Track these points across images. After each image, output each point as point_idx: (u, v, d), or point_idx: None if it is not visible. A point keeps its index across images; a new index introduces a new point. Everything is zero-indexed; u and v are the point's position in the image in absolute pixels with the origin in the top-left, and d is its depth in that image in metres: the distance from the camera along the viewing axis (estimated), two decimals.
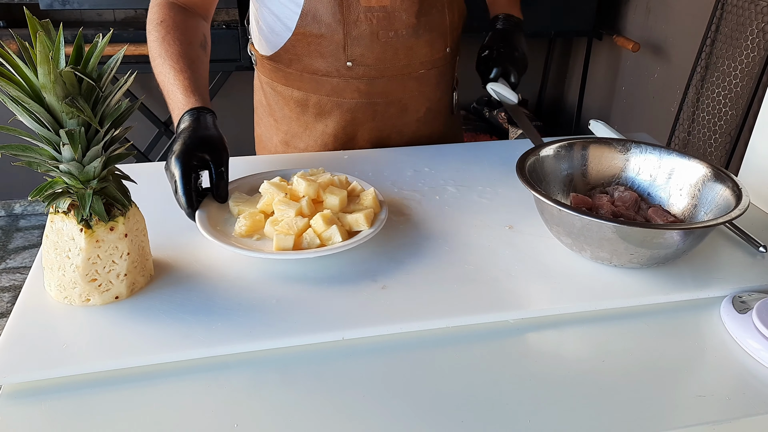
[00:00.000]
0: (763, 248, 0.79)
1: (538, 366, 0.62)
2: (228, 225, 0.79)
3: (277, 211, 0.78)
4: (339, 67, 1.04)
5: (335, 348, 0.63)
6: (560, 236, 0.77)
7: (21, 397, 0.57)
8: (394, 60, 1.05)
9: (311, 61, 1.04)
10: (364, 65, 1.04)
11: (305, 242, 0.75)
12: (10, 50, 0.58)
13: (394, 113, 1.11)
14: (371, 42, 1.02)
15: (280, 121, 1.14)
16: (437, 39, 1.08)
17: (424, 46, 1.07)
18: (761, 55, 1.74)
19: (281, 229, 0.75)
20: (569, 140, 0.89)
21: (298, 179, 0.82)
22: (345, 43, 1.02)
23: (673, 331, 0.68)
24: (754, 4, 1.77)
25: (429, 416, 0.56)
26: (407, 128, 1.14)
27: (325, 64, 1.04)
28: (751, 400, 0.59)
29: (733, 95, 1.85)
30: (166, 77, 0.91)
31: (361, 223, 0.78)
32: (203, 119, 0.84)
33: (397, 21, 1.02)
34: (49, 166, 0.62)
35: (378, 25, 1.01)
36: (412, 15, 1.02)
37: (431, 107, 1.15)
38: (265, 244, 0.76)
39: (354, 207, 0.82)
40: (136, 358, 0.60)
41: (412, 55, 1.06)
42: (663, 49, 2.28)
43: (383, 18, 1.01)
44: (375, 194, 0.83)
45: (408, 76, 1.08)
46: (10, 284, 2.30)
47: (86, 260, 0.64)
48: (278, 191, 0.80)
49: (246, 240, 0.76)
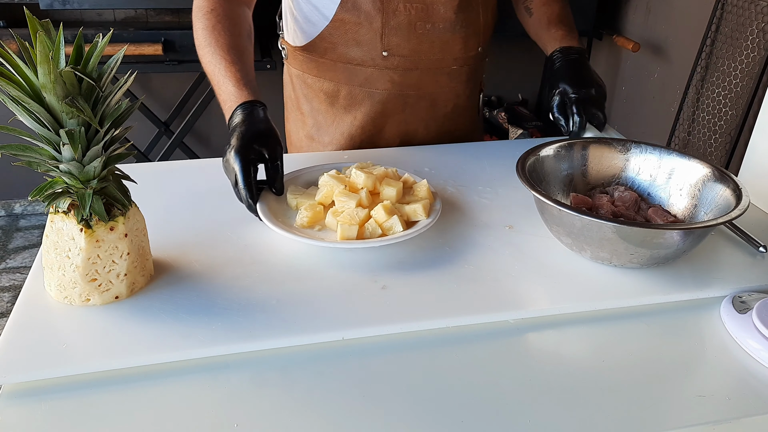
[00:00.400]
0: (763, 248, 0.79)
1: (538, 366, 0.62)
2: (287, 217, 0.82)
3: (337, 202, 0.81)
4: (374, 57, 1.05)
5: (335, 348, 0.63)
6: (560, 236, 0.77)
7: (21, 397, 0.57)
8: (429, 53, 1.06)
9: (347, 49, 1.06)
10: (400, 56, 1.05)
11: (368, 232, 0.78)
12: (10, 50, 0.58)
13: (424, 106, 1.12)
14: (408, 33, 1.04)
15: (307, 114, 1.16)
16: (471, 37, 1.09)
17: (459, 42, 1.08)
18: (761, 55, 1.74)
19: (344, 219, 0.78)
20: (569, 140, 0.89)
21: (357, 172, 0.85)
22: (382, 32, 1.03)
23: (673, 331, 0.68)
24: (754, 4, 1.77)
25: (429, 416, 0.56)
26: (434, 123, 1.15)
27: (360, 52, 1.05)
28: (751, 400, 0.59)
29: (734, 95, 1.85)
30: (217, 68, 0.92)
31: (419, 213, 0.81)
32: (256, 113, 0.86)
33: (435, 14, 1.03)
34: (49, 166, 0.62)
35: (416, 17, 1.03)
36: (450, 9, 1.04)
37: (458, 104, 1.16)
38: (327, 235, 0.79)
39: (409, 198, 0.85)
40: (136, 358, 0.60)
41: (447, 49, 1.07)
42: (663, 49, 2.28)
43: (422, 10, 1.03)
44: (428, 186, 0.86)
45: (440, 71, 1.09)
46: (10, 284, 2.30)
47: (86, 260, 0.64)
48: (338, 183, 0.83)
49: (308, 230, 0.80)
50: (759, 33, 1.75)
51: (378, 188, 0.86)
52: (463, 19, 1.06)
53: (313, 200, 0.83)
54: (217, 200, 0.88)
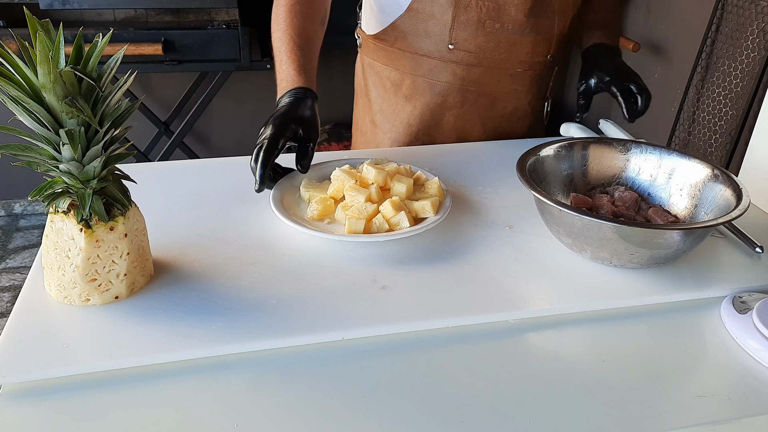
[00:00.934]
0: (759, 249, 0.79)
1: (538, 366, 0.62)
2: (299, 209, 0.84)
3: (347, 196, 0.82)
4: (440, 48, 1.08)
5: (335, 348, 0.63)
6: (560, 236, 0.77)
7: (21, 397, 0.57)
8: (495, 52, 1.08)
9: (415, 39, 1.09)
10: (465, 50, 1.07)
11: (375, 227, 0.79)
12: (10, 50, 0.58)
13: (483, 104, 1.14)
14: (476, 29, 1.05)
15: (374, 101, 1.19)
16: (541, 43, 1.09)
17: (527, 45, 1.08)
18: (762, 55, 1.74)
19: (352, 213, 0.79)
20: (569, 140, 0.89)
21: (368, 167, 0.86)
22: (452, 26, 1.05)
23: (673, 331, 0.68)
24: (755, 4, 1.76)
25: (429, 416, 0.56)
26: (491, 122, 1.17)
27: (428, 43, 1.08)
28: (751, 400, 0.59)
29: (734, 95, 1.85)
30: (283, 48, 0.98)
31: (428, 210, 0.82)
32: (305, 100, 0.90)
33: (506, 15, 1.05)
34: (48, 165, 0.61)
35: (486, 15, 1.04)
36: (521, 12, 1.05)
37: (519, 107, 1.17)
38: (336, 228, 0.80)
39: (419, 195, 0.86)
40: (136, 358, 0.60)
41: (513, 51, 1.08)
42: (663, 49, 2.28)
43: (493, 9, 1.04)
44: (440, 183, 0.87)
45: (504, 71, 1.11)
46: (10, 284, 2.30)
47: (86, 260, 0.64)
48: (349, 178, 0.84)
49: (317, 223, 0.81)
50: (759, 33, 1.75)
51: (389, 184, 0.87)
52: (534, 24, 1.07)
53: (324, 194, 0.85)
54: (217, 200, 0.88)
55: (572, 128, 1.10)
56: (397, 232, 0.77)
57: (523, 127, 1.21)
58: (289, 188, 0.87)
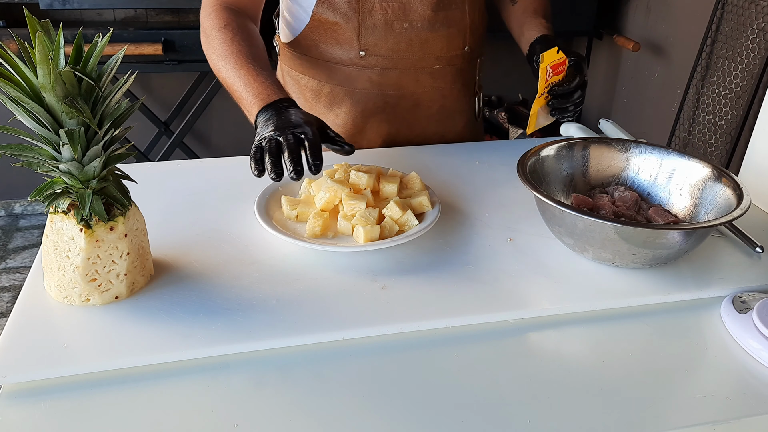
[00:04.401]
0: (759, 248, 0.79)
1: (538, 366, 0.62)
2: (290, 229, 0.80)
3: (347, 206, 0.80)
4: (352, 56, 1.05)
5: (335, 348, 0.63)
6: (562, 237, 0.77)
7: (21, 397, 0.57)
8: (408, 52, 1.05)
9: (327, 48, 1.05)
10: (377, 55, 1.04)
11: (386, 230, 0.78)
12: (10, 50, 0.58)
13: (406, 107, 1.11)
14: (385, 32, 1.03)
15: None
16: (455, 35, 1.07)
17: (441, 40, 1.06)
18: (761, 54, 1.74)
19: (359, 221, 0.77)
20: (570, 140, 0.89)
21: (358, 173, 0.85)
22: (359, 32, 1.02)
23: (674, 331, 0.68)
24: (755, 4, 1.76)
25: (429, 416, 0.56)
26: (418, 124, 1.13)
27: (339, 51, 1.05)
28: (751, 400, 0.59)
29: (734, 95, 1.85)
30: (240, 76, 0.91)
31: (426, 204, 0.83)
32: (294, 109, 0.85)
33: (412, 12, 1.02)
34: (48, 166, 0.61)
35: (393, 15, 1.02)
36: (428, 7, 1.02)
37: (446, 105, 1.14)
38: (343, 240, 0.78)
39: (406, 192, 0.87)
40: (136, 358, 0.60)
41: (427, 48, 1.06)
42: (663, 49, 2.28)
43: (398, 8, 1.02)
44: (419, 177, 0.88)
45: (422, 70, 1.08)
46: (10, 284, 2.30)
47: (86, 260, 0.64)
48: (342, 187, 0.82)
49: (324, 239, 0.78)
50: (759, 33, 1.75)
51: (377, 186, 0.86)
52: (445, 17, 1.04)
53: (315, 208, 0.82)
54: (217, 200, 0.88)
55: (572, 128, 1.10)
56: (407, 233, 0.78)
57: (456, 126, 1.17)
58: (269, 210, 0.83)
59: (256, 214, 0.79)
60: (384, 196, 0.85)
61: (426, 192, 0.85)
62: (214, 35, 0.97)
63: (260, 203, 0.82)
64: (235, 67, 0.92)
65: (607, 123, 1.11)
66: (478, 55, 1.15)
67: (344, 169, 0.88)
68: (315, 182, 0.85)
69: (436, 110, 1.13)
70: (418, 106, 1.11)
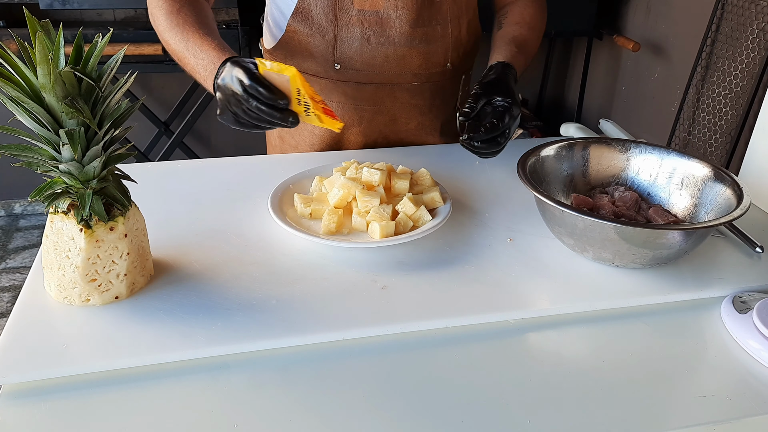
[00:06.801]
0: (759, 249, 0.79)
1: (538, 366, 0.62)
2: (303, 225, 0.81)
3: (361, 203, 0.81)
4: (327, 69, 1.03)
5: (335, 348, 0.63)
6: (562, 237, 0.77)
7: (21, 397, 0.57)
8: (384, 67, 1.02)
9: (302, 59, 1.04)
10: (352, 69, 1.02)
11: (400, 226, 0.79)
12: (10, 50, 0.58)
13: (382, 122, 1.08)
14: (361, 46, 1.00)
15: None
16: (436, 52, 1.05)
17: (418, 57, 1.03)
18: (761, 54, 1.74)
19: (374, 218, 0.78)
20: (570, 140, 0.89)
21: (370, 170, 0.85)
22: (334, 45, 1.00)
23: (674, 331, 0.68)
24: (755, 4, 1.76)
25: (429, 416, 0.56)
26: (396, 137, 1.12)
27: (314, 64, 1.03)
28: (751, 400, 0.59)
29: (734, 95, 1.85)
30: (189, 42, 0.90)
31: (437, 200, 0.84)
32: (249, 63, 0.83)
33: (390, 27, 1.00)
34: (48, 166, 0.61)
35: (369, 30, 0.99)
36: (406, 23, 1.00)
37: (424, 123, 1.11)
38: (358, 237, 0.79)
39: (417, 188, 0.87)
40: (136, 358, 0.60)
41: (404, 64, 1.03)
42: (663, 49, 2.28)
43: (375, 23, 0.99)
44: (428, 173, 0.88)
45: (398, 86, 1.05)
46: (10, 284, 2.30)
47: (86, 260, 0.64)
48: (356, 184, 0.83)
49: (339, 236, 0.79)
50: (759, 33, 1.75)
51: (389, 183, 0.87)
52: (424, 34, 1.02)
53: (328, 205, 0.83)
54: (217, 200, 0.88)
55: (572, 128, 1.09)
56: (423, 228, 0.78)
57: (435, 143, 1.14)
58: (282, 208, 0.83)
59: (271, 211, 0.80)
60: (396, 192, 0.86)
61: (437, 188, 0.86)
62: (159, 8, 0.95)
63: (273, 201, 0.83)
64: (184, 35, 0.91)
65: (607, 123, 1.11)
66: (462, 72, 1.12)
67: (355, 167, 0.89)
68: (327, 180, 0.86)
69: (414, 127, 1.11)
70: (394, 122, 1.09)
